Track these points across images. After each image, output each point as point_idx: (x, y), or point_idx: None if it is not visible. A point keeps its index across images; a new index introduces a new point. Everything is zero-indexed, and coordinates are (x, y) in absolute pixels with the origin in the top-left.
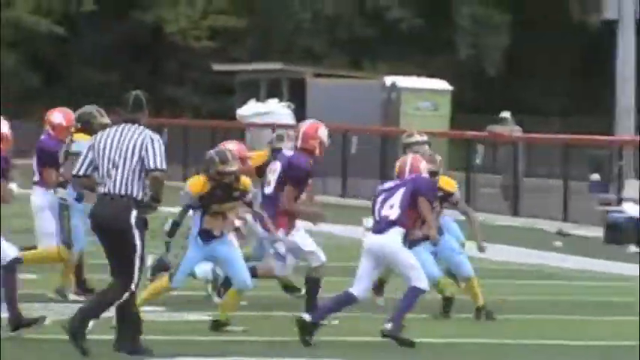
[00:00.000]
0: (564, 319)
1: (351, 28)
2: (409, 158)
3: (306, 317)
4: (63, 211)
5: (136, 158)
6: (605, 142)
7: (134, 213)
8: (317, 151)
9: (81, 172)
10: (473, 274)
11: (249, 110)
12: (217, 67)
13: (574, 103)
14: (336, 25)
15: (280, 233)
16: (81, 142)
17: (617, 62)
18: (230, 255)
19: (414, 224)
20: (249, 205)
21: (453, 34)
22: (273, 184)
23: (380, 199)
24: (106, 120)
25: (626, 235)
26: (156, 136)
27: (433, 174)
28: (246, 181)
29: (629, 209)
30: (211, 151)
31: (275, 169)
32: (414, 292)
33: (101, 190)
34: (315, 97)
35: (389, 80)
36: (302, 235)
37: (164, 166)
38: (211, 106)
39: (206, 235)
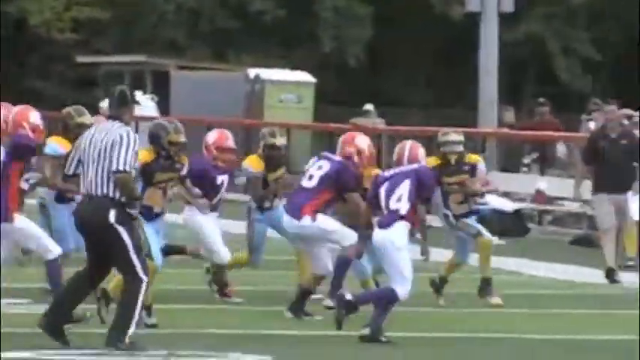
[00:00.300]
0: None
1: (213, 20)
2: (408, 145)
3: (349, 297)
4: (43, 211)
5: (108, 157)
6: (468, 134)
7: (113, 212)
8: (355, 158)
9: (70, 172)
10: None
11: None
12: (81, 59)
13: (437, 96)
14: (199, 17)
15: (306, 221)
16: (52, 144)
17: (479, 54)
18: (151, 234)
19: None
20: (184, 179)
21: (315, 26)
22: (316, 180)
23: (384, 189)
24: (84, 119)
25: (490, 226)
26: (127, 136)
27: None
28: (184, 157)
29: (493, 201)
30: (163, 121)
31: (321, 166)
32: (394, 298)
33: (83, 189)
34: (179, 90)
35: (252, 72)
36: (325, 220)
37: (126, 168)
38: (76, 99)
39: (149, 213)
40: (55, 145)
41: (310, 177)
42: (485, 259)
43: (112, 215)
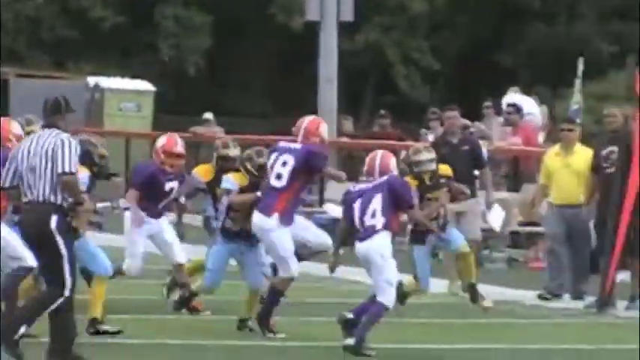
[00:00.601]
0: None
1: (53, 28)
2: (379, 155)
3: (349, 315)
4: None
5: (49, 164)
6: None
7: (54, 218)
8: None
9: (7, 184)
10: None
11: None
12: None
13: (276, 105)
14: (39, 25)
15: (274, 221)
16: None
17: (319, 63)
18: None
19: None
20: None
21: (155, 34)
22: (286, 176)
23: (357, 205)
24: (34, 127)
25: (331, 236)
26: (68, 140)
27: None
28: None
29: (331, 210)
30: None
31: (285, 162)
32: (379, 308)
33: (25, 197)
34: (19, 98)
35: (92, 81)
36: (286, 238)
37: (73, 169)
38: None
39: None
40: None
41: (278, 176)
42: (467, 268)
43: (53, 221)
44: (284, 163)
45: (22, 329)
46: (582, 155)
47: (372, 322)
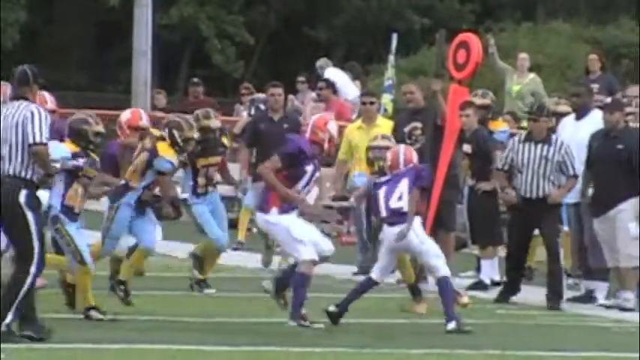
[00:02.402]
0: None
1: None
2: (402, 149)
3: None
4: None
5: (20, 136)
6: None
7: (24, 192)
8: (325, 145)
9: None
10: None
11: None
12: None
13: (91, 78)
14: None
15: (273, 214)
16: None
17: (133, 37)
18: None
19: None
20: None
21: None
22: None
23: (381, 192)
24: None
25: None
26: (37, 110)
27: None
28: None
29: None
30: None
31: None
32: (447, 282)
33: None
34: None
35: None
36: (298, 224)
37: (44, 140)
38: None
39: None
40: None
41: None
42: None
43: (22, 196)
44: None
45: (10, 316)
46: (384, 128)
47: (450, 297)
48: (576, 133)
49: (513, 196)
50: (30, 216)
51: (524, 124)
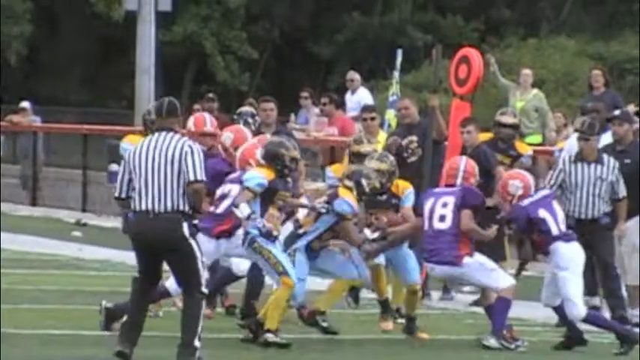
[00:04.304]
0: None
1: None
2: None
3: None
4: None
5: (176, 171)
6: (125, 132)
7: (185, 225)
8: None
9: (123, 195)
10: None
11: None
12: None
13: (93, 94)
14: None
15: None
16: None
17: (136, 53)
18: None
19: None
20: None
21: None
22: None
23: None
24: None
25: None
26: (195, 146)
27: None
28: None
29: None
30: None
31: None
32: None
33: (140, 205)
34: None
35: None
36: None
37: (203, 177)
38: None
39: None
40: None
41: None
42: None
43: (185, 228)
44: None
45: (198, 343)
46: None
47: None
48: None
49: None
50: (194, 245)
51: (530, 139)
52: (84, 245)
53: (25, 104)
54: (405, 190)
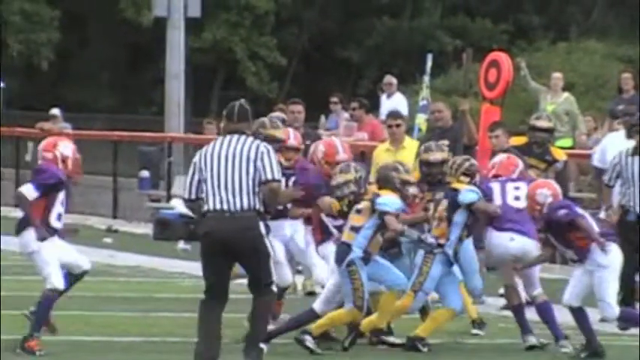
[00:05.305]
0: (112, 315)
1: None
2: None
3: None
4: None
5: (252, 171)
6: (155, 139)
7: (261, 224)
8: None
9: (193, 196)
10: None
11: None
12: None
13: (122, 100)
14: None
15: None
16: None
17: (166, 59)
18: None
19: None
20: None
21: (2, 29)
22: None
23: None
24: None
25: (177, 231)
26: (270, 146)
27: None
28: None
29: (179, 206)
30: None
31: None
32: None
33: (214, 205)
34: None
35: None
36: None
37: (280, 177)
38: None
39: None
40: None
41: None
42: None
43: (262, 227)
44: None
45: (263, 346)
46: (412, 150)
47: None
48: None
49: (615, 218)
50: (269, 244)
51: (561, 143)
52: (115, 252)
53: (56, 111)
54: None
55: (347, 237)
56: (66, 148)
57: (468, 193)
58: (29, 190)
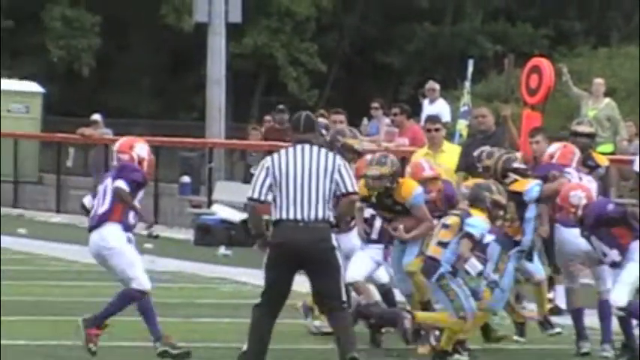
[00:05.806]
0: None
1: None
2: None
3: None
4: None
5: (328, 181)
6: (195, 144)
7: (333, 236)
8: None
9: (262, 197)
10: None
11: None
12: None
13: (164, 106)
14: None
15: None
16: None
17: (207, 64)
18: None
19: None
20: None
21: (43, 35)
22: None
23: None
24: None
25: (218, 236)
26: (344, 160)
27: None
28: None
29: (220, 211)
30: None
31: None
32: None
33: (287, 214)
34: None
35: None
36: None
37: (357, 189)
38: None
39: None
40: None
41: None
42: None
43: (334, 240)
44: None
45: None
46: (451, 154)
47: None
48: None
49: None
50: (339, 256)
51: (602, 148)
52: (156, 257)
53: (97, 117)
54: (411, 191)
55: (434, 251)
56: (142, 149)
57: (531, 189)
58: (123, 185)
